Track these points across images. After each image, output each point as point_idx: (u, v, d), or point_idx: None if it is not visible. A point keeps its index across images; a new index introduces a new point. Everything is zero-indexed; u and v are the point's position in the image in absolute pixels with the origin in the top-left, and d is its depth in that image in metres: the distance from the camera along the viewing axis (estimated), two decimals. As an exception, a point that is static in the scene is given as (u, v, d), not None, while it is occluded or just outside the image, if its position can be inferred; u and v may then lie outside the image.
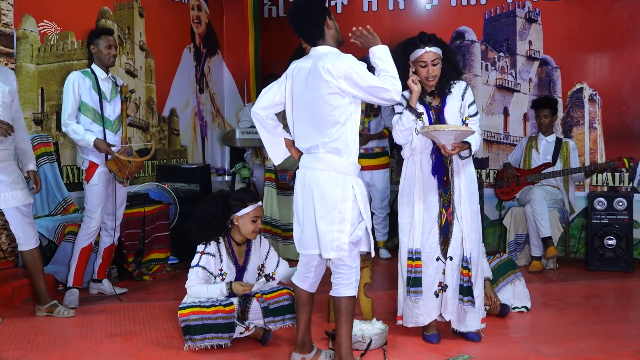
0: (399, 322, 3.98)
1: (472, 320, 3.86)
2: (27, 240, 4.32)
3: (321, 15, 3.31)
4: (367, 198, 3.35)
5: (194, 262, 3.88)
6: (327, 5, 3.33)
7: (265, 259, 4.04)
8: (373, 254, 3.38)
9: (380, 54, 3.26)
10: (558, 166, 6.02)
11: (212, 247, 3.89)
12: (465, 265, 3.80)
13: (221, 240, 3.91)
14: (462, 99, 3.82)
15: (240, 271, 3.95)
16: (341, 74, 3.16)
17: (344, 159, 3.24)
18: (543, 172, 6.00)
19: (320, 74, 3.20)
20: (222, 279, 3.88)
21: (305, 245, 3.36)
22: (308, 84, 3.27)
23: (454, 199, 3.82)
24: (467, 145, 3.73)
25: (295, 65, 3.40)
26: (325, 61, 3.21)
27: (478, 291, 3.88)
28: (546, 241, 5.76)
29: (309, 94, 3.27)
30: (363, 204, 3.28)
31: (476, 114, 3.87)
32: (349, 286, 3.31)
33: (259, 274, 4.01)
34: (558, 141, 6.09)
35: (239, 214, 3.86)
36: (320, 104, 3.24)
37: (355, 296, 3.35)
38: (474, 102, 3.87)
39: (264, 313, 3.81)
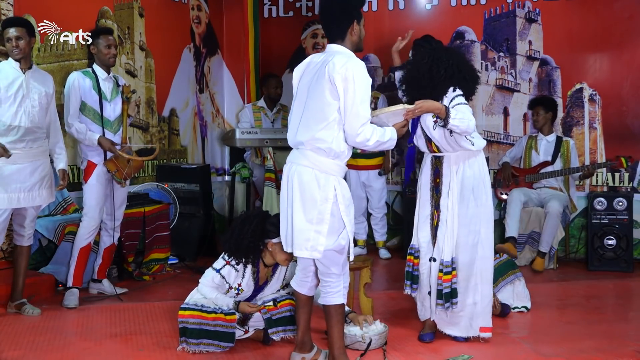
0: None
1: (464, 325, 3.85)
2: (29, 237, 4.46)
3: (349, 19, 3.28)
4: (350, 201, 3.30)
5: (216, 266, 3.87)
6: (358, 9, 3.31)
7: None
8: (352, 258, 3.32)
9: (394, 132, 3.30)
10: (558, 165, 6.02)
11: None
12: (441, 268, 3.78)
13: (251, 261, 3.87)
14: (450, 102, 3.66)
15: (257, 291, 3.94)
16: (342, 71, 3.13)
17: (329, 159, 3.21)
18: (541, 172, 6.01)
19: (325, 69, 3.19)
20: (238, 294, 3.87)
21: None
22: (315, 78, 3.25)
23: (441, 202, 3.80)
24: (441, 109, 3.54)
25: (310, 60, 3.39)
26: (335, 57, 3.20)
27: (476, 297, 3.82)
28: (509, 241, 5.67)
29: (312, 88, 3.26)
30: (344, 206, 3.22)
31: (460, 103, 3.62)
32: (337, 294, 3.31)
33: (279, 291, 4.01)
34: (558, 140, 6.09)
35: (274, 240, 3.77)
36: (317, 98, 3.22)
37: (344, 304, 3.34)
38: (460, 102, 3.64)
39: (267, 324, 3.81)
